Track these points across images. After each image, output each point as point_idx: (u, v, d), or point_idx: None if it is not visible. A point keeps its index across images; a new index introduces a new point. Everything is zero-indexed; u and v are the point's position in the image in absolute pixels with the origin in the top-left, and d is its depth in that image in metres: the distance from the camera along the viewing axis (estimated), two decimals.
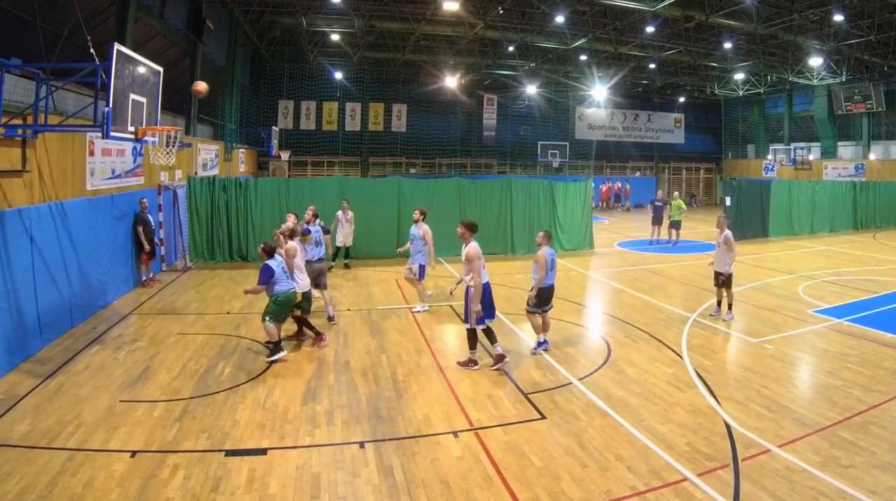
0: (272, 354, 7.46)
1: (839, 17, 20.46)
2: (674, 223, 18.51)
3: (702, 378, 7.10)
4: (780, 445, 5.36)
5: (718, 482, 4.77)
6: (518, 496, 4.59)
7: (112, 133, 6.84)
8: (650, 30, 22.72)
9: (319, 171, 31.41)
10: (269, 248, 7.58)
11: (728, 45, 24.24)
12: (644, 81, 33.58)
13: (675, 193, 25.90)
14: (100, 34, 11.70)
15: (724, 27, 22.49)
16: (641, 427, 5.78)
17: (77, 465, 4.89)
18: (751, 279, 13.02)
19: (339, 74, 30.90)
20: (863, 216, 23.65)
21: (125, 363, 7.39)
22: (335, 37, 25.22)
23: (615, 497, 4.60)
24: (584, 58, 27.87)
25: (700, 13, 20.47)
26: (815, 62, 26.10)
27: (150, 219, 11.67)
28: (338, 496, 4.59)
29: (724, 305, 9.84)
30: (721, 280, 9.72)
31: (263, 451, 5.23)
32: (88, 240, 9.42)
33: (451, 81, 30.08)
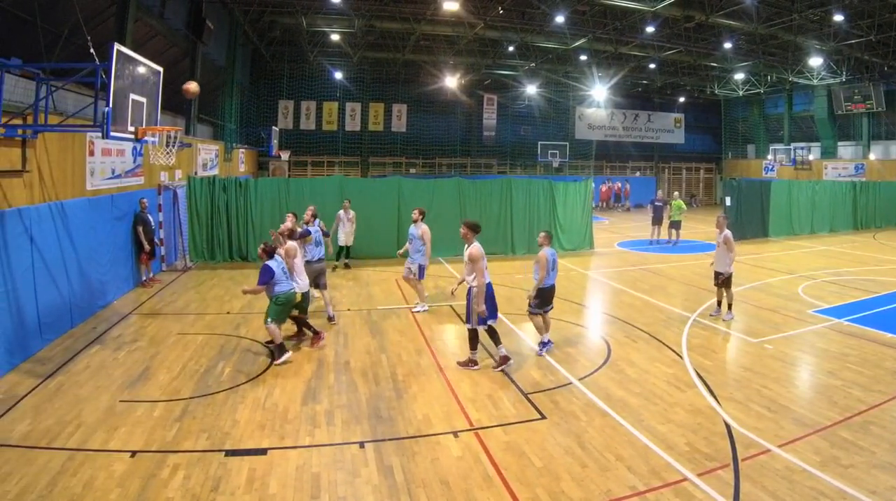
0: (278, 357, 7.42)
1: (839, 17, 20.46)
2: (674, 223, 18.51)
3: (702, 378, 7.10)
4: (780, 445, 5.36)
5: (718, 482, 4.77)
6: (518, 496, 4.59)
7: (112, 133, 6.85)
8: (650, 30, 22.73)
9: (319, 171, 31.41)
10: (270, 249, 7.57)
11: (728, 45, 24.25)
12: (644, 81, 33.58)
13: (675, 193, 25.90)
14: (100, 34, 11.70)
15: (724, 27, 22.49)
16: (641, 427, 5.78)
17: (77, 465, 4.89)
18: (751, 279, 13.02)
19: (339, 74, 30.90)
20: (863, 216, 23.66)
21: (125, 363, 7.40)
22: (335, 37, 25.22)
23: (615, 497, 4.60)
24: (584, 58, 27.88)
25: (700, 13, 20.48)
26: (815, 62, 26.10)
27: (150, 219, 11.67)
28: (338, 496, 4.59)
29: (724, 305, 9.85)
30: (721, 280, 9.73)
31: (263, 451, 5.23)
32: (88, 240, 9.42)
33: (451, 81, 30.08)
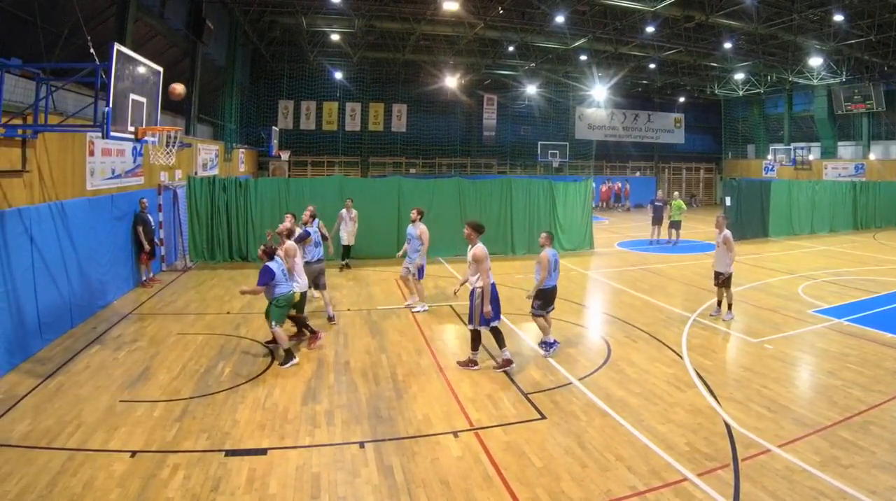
0: (284, 363, 7.40)
1: (839, 17, 20.46)
2: (674, 223, 18.51)
3: (702, 378, 7.10)
4: (780, 445, 5.36)
5: (718, 482, 4.77)
6: (518, 496, 4.59)
7: (112, 133, 6.84)
8: (650, 30, 22.73)
9: (319, 171, 31.41)
10: (270, 250, 7.57)
11: (728, 45, 24.24)
12: (644, 81, 33.58)
13: (675, 193, 25.90)
14: (100, 34, 11.70)
15: (724, 27, 22.49)
16: (641, 427, 5.78)
17: (77, 465, 4.89)
18: (751, 279, 13.02)
19: (339, 74, 30.89)
20: (863, 216, 23.65)
21: (125, 363, 7.40)
22: (335, 37, 25.21)
23: (615, 497, 4.60)
24: (584, 58, 27.87)
25: (700, 13, 20.47)
26: (815, 62, 26.10)
27: (150, 219, 11.67)
28: (338, 496, 4.59)
29: (724, 305, 9.85)
30: (721, 280, 9.73)
31: (263, 451, 5.23)
32: (88, 239, 9.42)
33: (451, 81, 30.08)
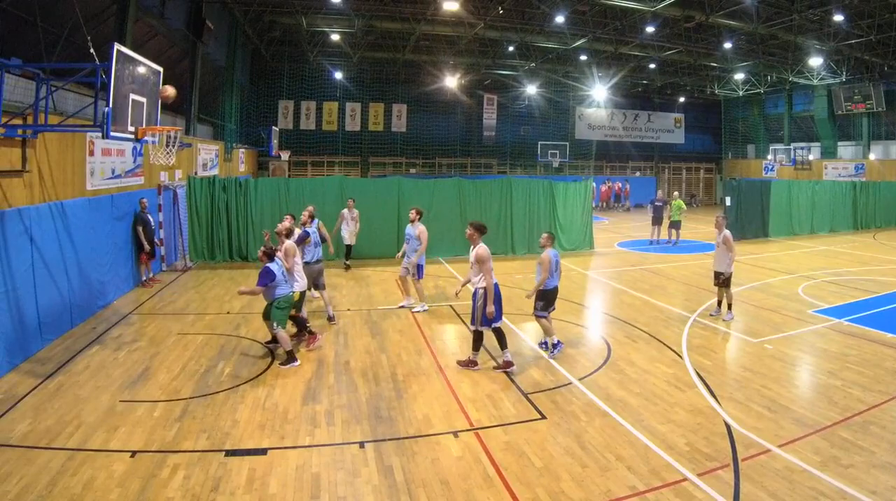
0: (286, 364, 7.41)
1: (839, 17, 20.47)
2: (674, 223, 18.51)
3: (702, 378, 7.10)
4: (780, 445, 5.36)
5: (718, 482, 4.77)
6: (518, 496, 4.59)
7: (112, 133, 6.85)
8: (650, 30, 22.74)
9: (319, 171, 31.42)
10: (270, 251, 7.58)
11: (728, 45, 24.26)
12: (644, 81, 33.59)
13: (675, 193, 25.90)
14: (100, 34, 11.72)
15: (724, 27, 22.50)
16: (641, 427, 5.77)
17: (77, 465, 4.89)
18: (751, 279, 13.02)
19: (339, 74, 30.91)
20: (863, 216, 23.65)
21: (125, 363, 7.40)
22: (335, 37, 25.22)
23: (615, 497, 4.60)
24: (584, 58, 27.89)
25: (700, 13, 20.48)
26: (815, 62, 26.12)
27: (150, 219, 11.67)
28: (338, 496, 4.59)
29: (724, 305, 9.85)
30: (721, 280, 9.73)
31: (263, 451, 5.23)
32: (88, 239, 9.41)
33: (451, 81, 30.09)
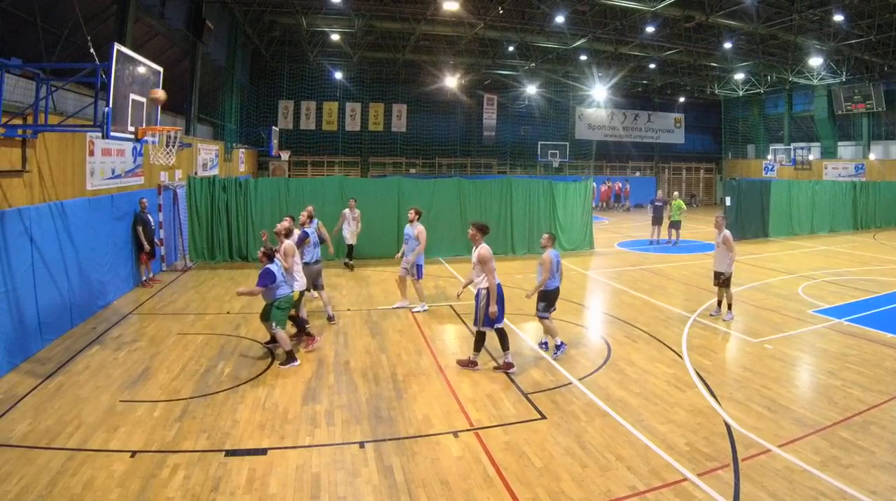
0: (286, 364, 7.40)
1: (839, 17, 20.47)
2: (674, 223, 18.52)
3: (702, 378, 7.10)
4: (780, 445, 5.36)
5: (718, 482, 4.77)
6: (518, 496, 4.59)
7: (112, 133, 6.85)
8: (650, 30, 22.74)
9: (319, 171, 31.43)
10: (269, 252, 7.57)
11: (728, 45, 24.26)
12: (644, 81, 33.59)
13: (675, 193, 25.89)
14: (100, 34, 11.72)
15: (724, 27, 22.50)
16: (641, 427, 5.77)
17: (77, 465, 4.89)
18: (751, 279, 13.02)
19: (339, 74, 30.91)
20: (863, 216, 23.65)
21: (125, 363, 7.40)
22: (335, 37, 25.22)
23: (615, 497, 4.60)
24: (584, 58, 27.89)
25: (700, 13, 20.48)
26: (815, 62, 26.11)
27: (150, 219, 11.67)
28: (338, 496, 4.59)
29: (724, 305, 9.85)
30: (721, 280, 9.73)
31: (263, 451, 5.23)
32: (88, 239, 9.41)
33: (451, 81, 30.09)
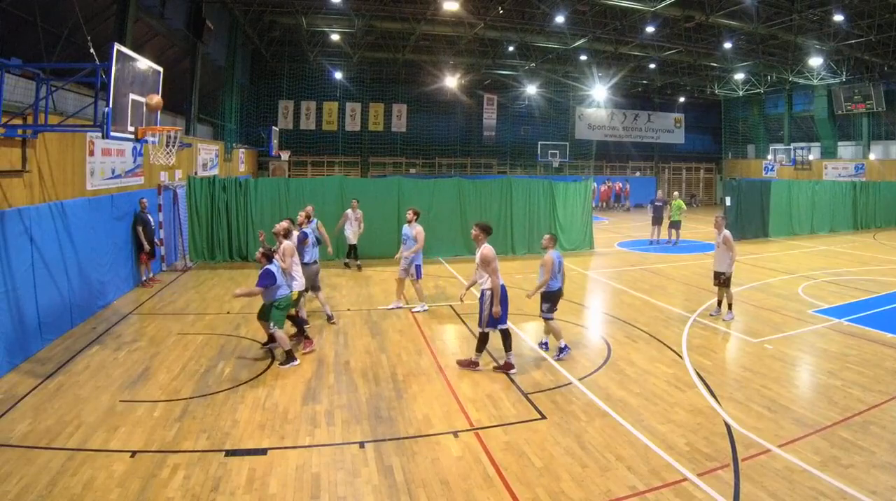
0: (285, 363, 7.40)
1: (839, 17, 20.47)
2: (674, 223, 18.52)
3: (702, 378, 7.10)
4: (780, 445, 5.36)
5: (718, 482, 4.77)
6: (518, 496, 4.59)
7: (112, 133, 6.85)
8: (650, 30, 22.74)
9: (319, 171, 31.43)
10: (268, 253, 7.57)
11: (728, 45, 24.26)
12: (644, 81, 33.59)
13: (675, 193, 25.89)
14: (100, 34, 11.72)
15: (724, 27, 22.50)
16: (641, 427, 5.77)
17: (77, 465, 4.89)
18: (751, 279, 13.02)
19: (339, 74, 30.90)
20: (863, 216, 23.65)
21: (125, 363, 7.40)
22: (335, 37, 25.22)
23: (615, 497, 4.60)
24: (584, 58, 27.88)
25: (700, 13, 20.48)
26: (815, 62, 26.11)
27: (150, 219, 11.67)
28: (338, 496, 4.59)
29: (724, 305, 9.85)
30: (721, 279, 9.73)
31: (263, 451, 5.23)
32: (88, 239, 9.41)
33: (451, 81, 30.09)
